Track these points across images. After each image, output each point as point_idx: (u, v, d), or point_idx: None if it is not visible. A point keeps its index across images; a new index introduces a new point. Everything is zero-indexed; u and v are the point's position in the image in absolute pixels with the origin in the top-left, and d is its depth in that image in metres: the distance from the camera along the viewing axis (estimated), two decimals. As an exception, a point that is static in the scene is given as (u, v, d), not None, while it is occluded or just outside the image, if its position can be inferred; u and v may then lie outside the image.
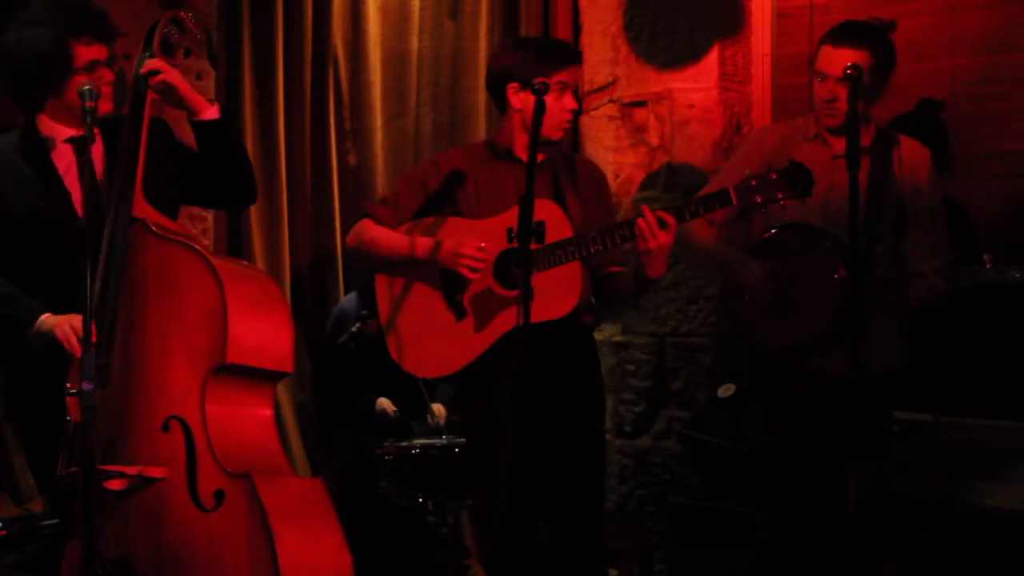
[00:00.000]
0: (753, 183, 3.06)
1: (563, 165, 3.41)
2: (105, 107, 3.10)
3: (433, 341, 3.31)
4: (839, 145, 3.43)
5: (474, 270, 3.20)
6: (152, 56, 3.13)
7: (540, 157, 3.27)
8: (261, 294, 3.03)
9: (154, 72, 3.07)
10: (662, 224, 3.09)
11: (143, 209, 3.02)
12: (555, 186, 3.36)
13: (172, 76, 3.08)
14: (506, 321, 3.21)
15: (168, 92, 3.08)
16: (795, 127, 3.66)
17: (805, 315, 3.41)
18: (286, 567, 2.72)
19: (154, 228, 2.99)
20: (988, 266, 3.24)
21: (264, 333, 2.98)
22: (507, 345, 3.18)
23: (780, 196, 3.06)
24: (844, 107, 3.21)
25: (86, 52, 3.02)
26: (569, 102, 3.30)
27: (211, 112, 3.12)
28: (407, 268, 3.33)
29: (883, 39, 3.44)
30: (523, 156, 3.32)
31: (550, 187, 3.35)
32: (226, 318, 2.87)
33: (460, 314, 3.29)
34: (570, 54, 3.42)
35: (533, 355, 2.94)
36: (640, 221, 3.11)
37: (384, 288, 3.39)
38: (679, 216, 3.12)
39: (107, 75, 3.09)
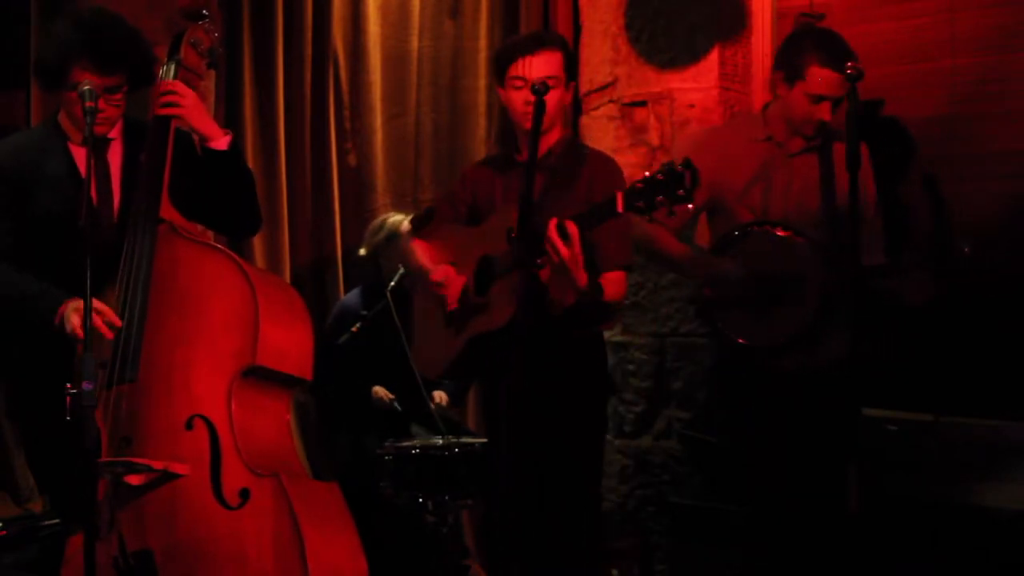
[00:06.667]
0: (639, 187, 2.82)
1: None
2: (98, 129, 3.10)
3: (431, 345, 3.43)
4: (794, 144, 3.53)
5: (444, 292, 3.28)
6: (179, 65, 3.15)
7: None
8: (288, 302, 3.11)
9: (169, 98, 3.08)
10: (563, 235, 2.95)
11: (169, 211, 3.05)
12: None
13: (186, 105, 3.10)
14: (476, 326, 3.23)
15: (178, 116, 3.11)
16: (736, 129, 3.72)
17: (786, 311, 3.42)
18: (313, 566, 2.76)
19: (181, 230, 3.02)
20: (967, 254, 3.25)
21: (290, 339, 3.04)
22: (483, 349, 3.21)
23: (660, 200, 2.77)
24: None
25: (81, 76, 3.03)
26: None
27: (221, 142, 3.13)
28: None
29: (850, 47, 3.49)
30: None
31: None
32: (258, 320, 2.93)
33: (449, 320, 3.33)
34: None
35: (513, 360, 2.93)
36: (549, 234, 2.97)
37: (415, 299, 3.58)
38: (579, 224, 2.95)
39: (102, 103, 3.06)
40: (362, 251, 4.82)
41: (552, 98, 3.19)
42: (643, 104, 4.54)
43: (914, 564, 3.58)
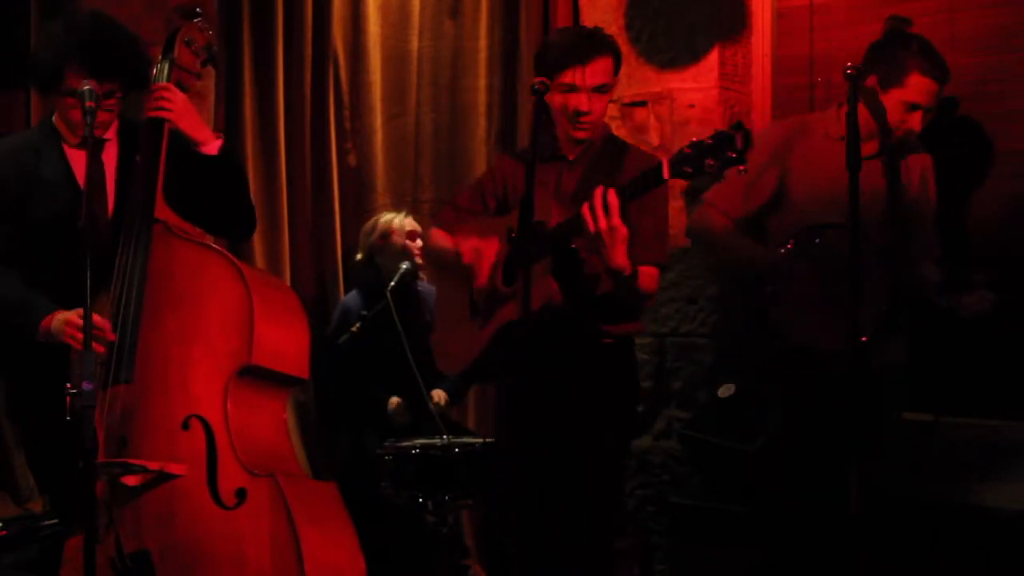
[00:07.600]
0: (687, 151, 2.83)
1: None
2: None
3: (454, 339, 3.38)
4: (868, 147, 3.42)
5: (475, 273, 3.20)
6: (173, 64, 3.15)
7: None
8: (284, 301, 3.11)
9: (159, 101, 3.08)
10: (605, 206, 2.91)
11: (164, 211, 3.05)
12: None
13: (175, 109, 3.09)
14: (501, 317, 3.21)
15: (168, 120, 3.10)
16: (809, 124, 3.64)
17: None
18: (310, 567, 2.77)
19: (177, 230, 3.02)
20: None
21: (286, 338, 3.05)
22: (506, 342, 3.18)
23: (710, 163, 2.79)
24: None
25: (75, 81, 3.02)
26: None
27: (211, 147, 3.12)
28: (449, 271, 3.41)
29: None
30: None
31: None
32: (252, 320, 2.93)
33: (473, 312, 3.32)
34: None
35: (536, 355, 2.87)
36: (584, 207, 2.95)
37: (438, 290, 3.56)
38: (621, 195, 2.93)
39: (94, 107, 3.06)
40: (359, 256, 4.83)
41: (602, 102, 3.25)
42: (643, 104, 4.53)
43: (914, 564, 3.58)
